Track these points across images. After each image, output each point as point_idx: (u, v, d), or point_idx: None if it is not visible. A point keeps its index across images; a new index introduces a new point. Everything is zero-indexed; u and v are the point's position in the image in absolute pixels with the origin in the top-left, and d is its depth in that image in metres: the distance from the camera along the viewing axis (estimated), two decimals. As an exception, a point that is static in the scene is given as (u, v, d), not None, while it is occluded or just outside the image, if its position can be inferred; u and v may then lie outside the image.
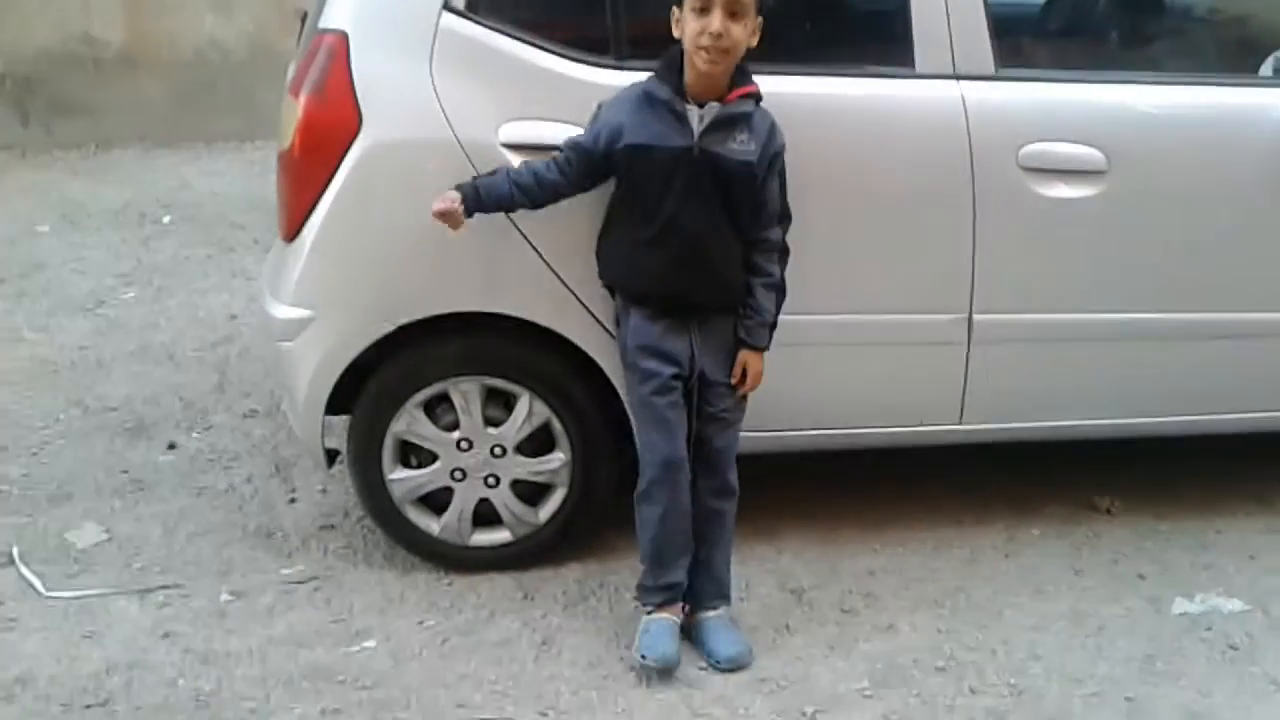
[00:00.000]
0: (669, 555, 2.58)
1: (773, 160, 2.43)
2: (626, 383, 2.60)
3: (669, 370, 2.49)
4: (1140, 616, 2.68)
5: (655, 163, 2.39)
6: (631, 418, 2.59)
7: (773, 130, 2.43)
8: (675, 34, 2.39)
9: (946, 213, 2.64)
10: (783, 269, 2.50)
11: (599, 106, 2.48)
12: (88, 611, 2.81)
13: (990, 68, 2.62)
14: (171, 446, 3.61)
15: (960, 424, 2.82)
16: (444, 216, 2.46)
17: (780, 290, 2.51)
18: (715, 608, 2.61)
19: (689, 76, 2.39)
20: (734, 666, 2.53)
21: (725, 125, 2.39)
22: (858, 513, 3.09)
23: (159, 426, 3.74)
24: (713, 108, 2.38)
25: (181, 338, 4.45)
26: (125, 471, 3.47)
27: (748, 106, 2.40)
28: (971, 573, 2.85)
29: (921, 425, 2.84)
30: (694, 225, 2.41)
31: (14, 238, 5.63)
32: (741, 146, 2.39)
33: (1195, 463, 3.21)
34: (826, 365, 2.76)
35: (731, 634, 2.58)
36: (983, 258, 2.66)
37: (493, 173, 2.50)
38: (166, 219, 5.89)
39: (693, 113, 2.38)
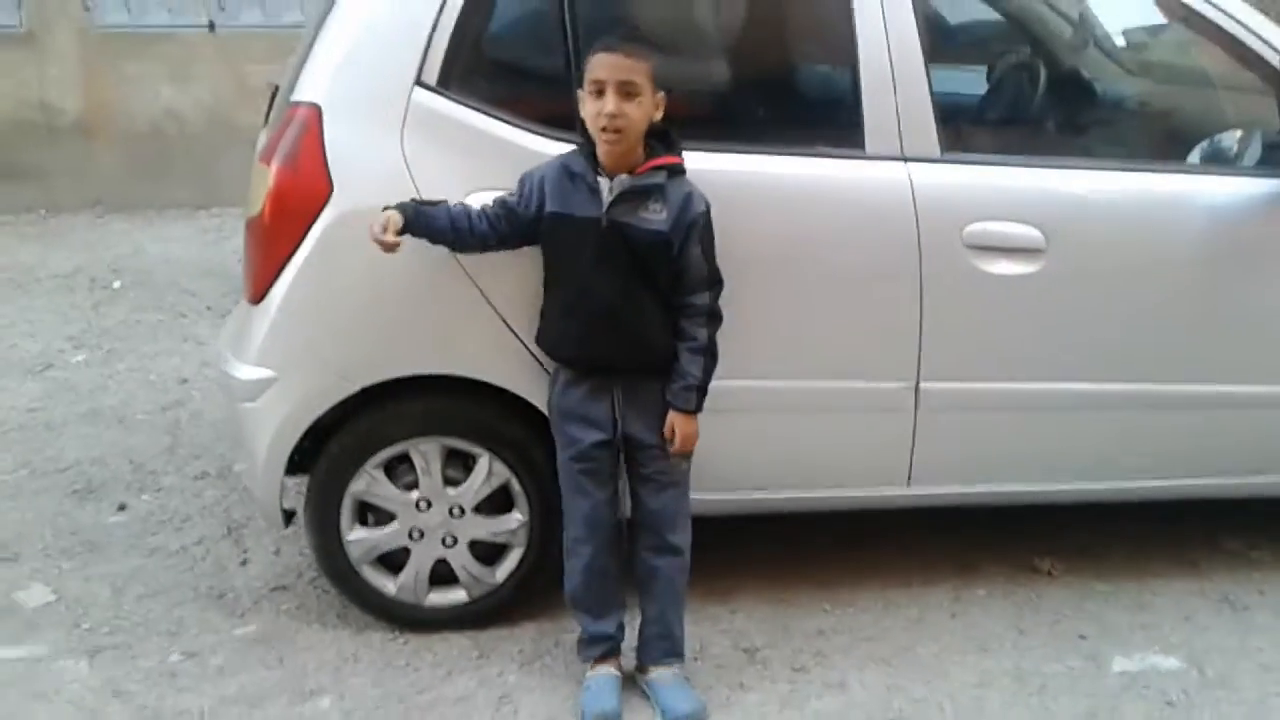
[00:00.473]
0: (594, 608, 2.66)
1: (689, 228, 2.48)
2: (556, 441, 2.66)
3: (590, 438, 2.56)
4: (1081, 675, 2.76)
5: (569, 232, 2.48)
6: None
7: (688, 199, 2.49)
8: (581, 114, 2.47)
9: (895, 286, 2.75)
10: (711, 333, 2.53)
11: (522, 178, 2.55)
12: (36, 672, 2.78)
13: (936, 151, 2.75)
14: (122, 508, 3.60)
15: (908, 488, 2.91)
16: (383, 245, 2.47)
17: (707, 354, 2.53)
18: (668, 665, 2.66)
19: (599, 151, 2.48)
20: None
21: (635, 197, 2.46)
22: (808, 574, 3.15)
23: (109, 488, 3.73)
24: (622, 180, 2.46)
25: (132, 401, 4.44)
26: (74, 533, 3.44)
27: (658, 178, 2.47)
28: (919, 632, 2.92)
29: (871, 489, 2.93)
30: (606, 293, 2.48)
31: (-39, 300, 5.61)
32: (653, 216, 2.45)
33: (1128, 527, 3.32)
34: (780, 430, 2.84)
35: (685, 691, 2.63)
36: (929, 329, 2.77)
37: (435, 203, 2.54)
38: (117, 284, 5.89)
39: (604, 184, 2.47)
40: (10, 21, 7.11)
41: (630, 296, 2.49)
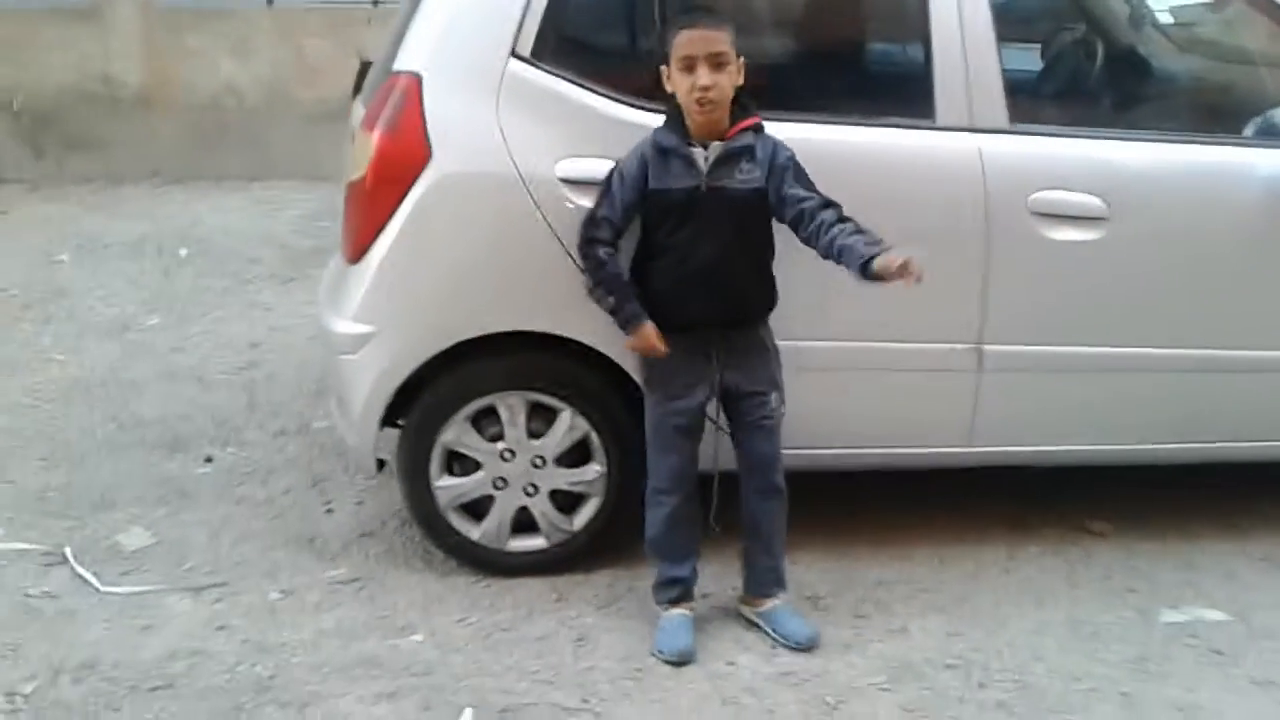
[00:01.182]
0: (671, 553, 2.82)
1: (784, 173, 2.64)
2: (646, 398, 2.80)
3: (692, 395, 2.71)
4: (1131, 624, 2.90)
5: (670, 202, 2.63)
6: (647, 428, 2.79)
7: (775, 150, 2.65)
8: (668, 89, 2.62)
9: (962, 251, 2.89)
10: (846, 221, 2.58)
11: (616, 171, 2.67)
12: (144, 606, 2.96)
13: (1004, 122, 2.89)
14: (208, 460, 3.78)
15: (970, 446, 3.05)
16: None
17: (854, 223, 2.58)
18: (777, 595, 2.84)
19: (690, 123, 2.63)
20: (809, 645, 2.76)
21: (730, 160, 2.63)
22: (867, 531, 3.30)
23: (194, 441, 3.91)
24: (716, 147, 2.62)
25: (207, 361, 4.62)
26: (166, 482, 3.63)
27: (748, 139, 2.64)
28: (975, 585, 3.07)
29: (933, 447, 3.08)
30: (707, 254, 2.64)
31: (34, 265, 5.81)
32: (747, 175, 2.62)
33: (1176, 491, 3.45)
34: (849, 388, 2.98)
35: (799, 618, 2.82)
36: (994, 292, 2.91)
37: (616, 277, 2.69)
38: (183, 252, 6.07)
39: (698, 154, 2.62)
40: (75, -4, 7.30)
41: (729, 255, 2.65)
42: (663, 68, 2.63)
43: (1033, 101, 3.15)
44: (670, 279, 2.68)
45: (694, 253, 2.64)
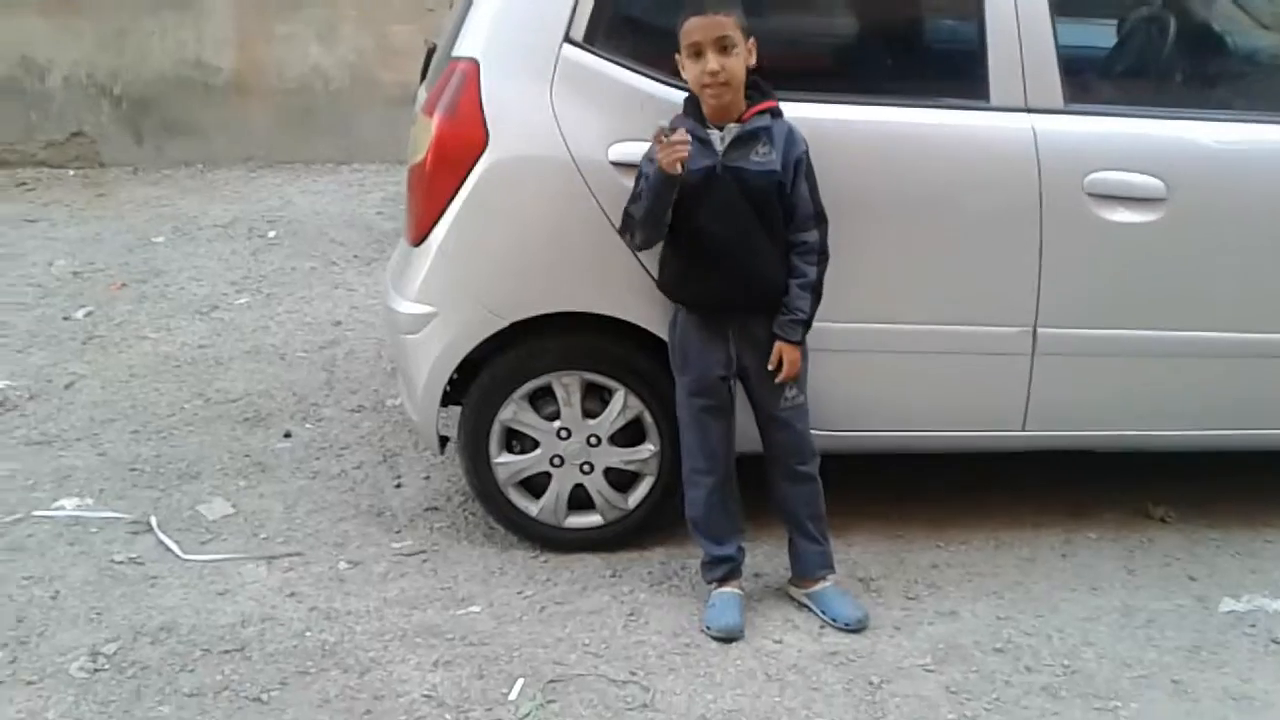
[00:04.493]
0: (714, 531, 2.87)
1: (797, 165, 2.66)
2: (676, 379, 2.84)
3: (710, 373, 2.76)
4: (1188, 612, 2.87)
5: (688, 183, 2.65)
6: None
7: (790, 137, 2.67)
8: (683, 76, 2.66)
9: (1016, 233, 2.87)
10: (820, 271, 2.69)
11: (645, 158, 2.67)
12: (221, 573, 3.11)
13: (1059, 102, 2.86)
14: (287, 435, 3.93)
15: (1023, 430, 3.03)
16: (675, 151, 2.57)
17: (815, 291, 2.69)
18: (824, 578, 2.88)
19: (705, 108, 2.67)
20: (858, 626, 2.80)
21: (745, 141, 2.65)
22: (922, 515, 3.30)
23: (275, 417, 4.06)
24: (732, 128, 2.65)
25: (291, 340, 4.78)
26: (247, 455, 3.78)
27: (764, 121, 2.66)
28: (1030, 569, 3.06)
29: (987, 430, 3.06)
30: (724, 234, 2.67)
31: (132, 246, 6.05)
32: (763, 158, 2.64)
33: (1244, 477, 3.39)
34: (902, 371, 2.98)
35: (848, 598, 2.86)
36: (1048, 275, 2.88)
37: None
38: (272, 234, 6.27)
39: (714, 135, 2.66)
40: (169, -16, 7.56)
41: (745, 237, 2.67)
42: (677, 55, 2.66)
43: (1092, 81, 3.10)
44: (687, 258, 2.73)
45: (711, 233, 2.67)
